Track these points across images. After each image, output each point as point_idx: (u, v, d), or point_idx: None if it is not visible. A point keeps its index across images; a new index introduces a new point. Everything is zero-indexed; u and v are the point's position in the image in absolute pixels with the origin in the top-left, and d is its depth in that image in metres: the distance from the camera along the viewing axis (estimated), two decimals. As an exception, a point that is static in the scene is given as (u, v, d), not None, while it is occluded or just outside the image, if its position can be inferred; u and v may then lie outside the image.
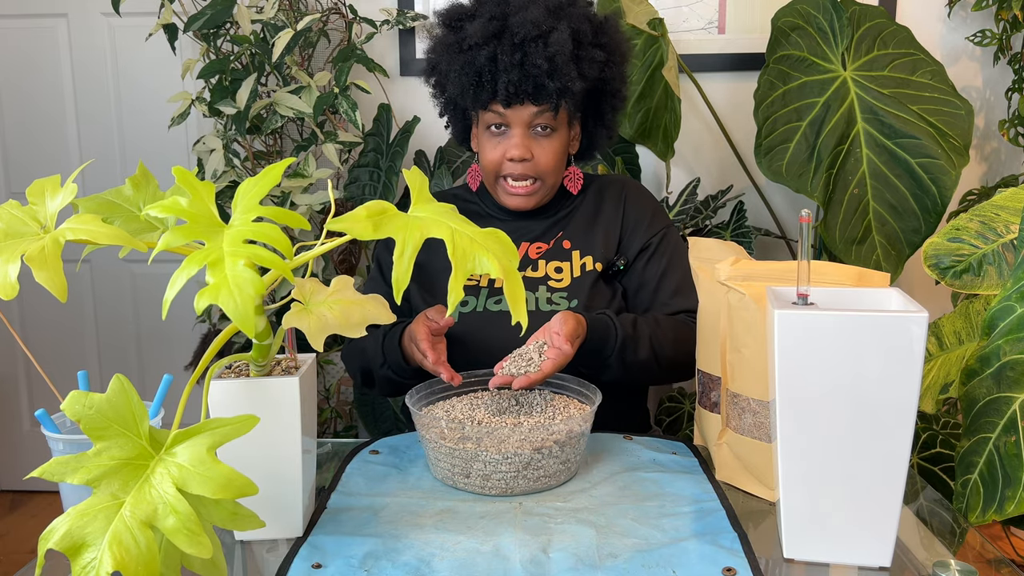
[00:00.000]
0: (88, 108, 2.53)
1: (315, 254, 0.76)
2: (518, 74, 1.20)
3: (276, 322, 0.87)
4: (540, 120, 1.24)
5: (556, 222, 1.35)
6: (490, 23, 1.22)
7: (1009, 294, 1.02)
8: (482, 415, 1.06)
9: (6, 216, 0.74)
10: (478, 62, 1.22)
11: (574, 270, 1.28)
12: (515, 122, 1.25)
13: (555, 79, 1.20)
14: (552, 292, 1.26)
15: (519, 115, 1.24)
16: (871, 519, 0.81)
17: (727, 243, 1.11)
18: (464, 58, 1.24)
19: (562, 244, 1.31)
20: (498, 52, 1.21)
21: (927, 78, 1.92)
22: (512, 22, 1.21)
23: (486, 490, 0.99)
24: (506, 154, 1.26)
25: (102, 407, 0.65)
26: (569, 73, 1.20)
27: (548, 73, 1.20)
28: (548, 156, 1.26)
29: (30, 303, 2.64)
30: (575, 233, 1.33)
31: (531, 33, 1.20)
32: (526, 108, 1.23)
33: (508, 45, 1.21)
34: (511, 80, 1.20)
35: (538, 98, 1.22)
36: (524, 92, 1.21)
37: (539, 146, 1.26)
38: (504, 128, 1.26)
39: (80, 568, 0.61)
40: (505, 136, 1.26)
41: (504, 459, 0.97)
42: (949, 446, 1.70)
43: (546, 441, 0.98)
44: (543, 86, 1.20)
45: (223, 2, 1.93)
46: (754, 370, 0.95)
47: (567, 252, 1.30)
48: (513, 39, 1.20)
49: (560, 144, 1.28)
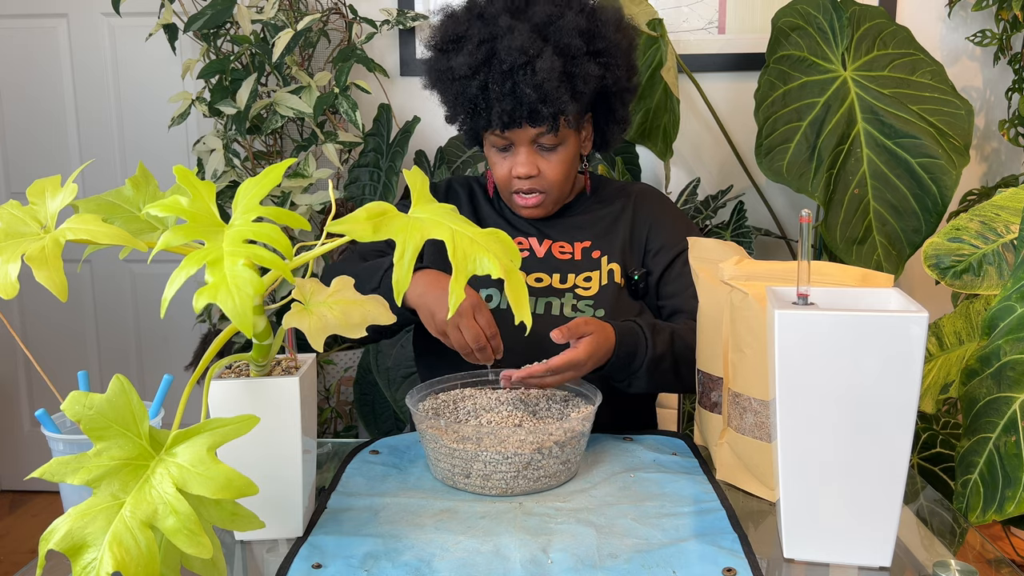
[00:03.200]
0: (88, 108, 2.53)
1: (315, 254, 0.76)
2: (510, 102, 1.18)
3: (276, 322, 0.87)
4: (543, 139, 1.23)
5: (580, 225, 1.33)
6: (478, 50, 1.20)
7: (1009, 294, 1.02)
8: (483, 414, 1.06)
9: (6, 216, 0.74)
10: (469, 92, 1.21)
11: (602, 278, 1.27)
12: (519, 141, 1.24)
13: (547, 105, 1.18)
14: (578, 300, 1.25)
15: (521, 135, 1.23)
16: (871, 519, 0.81)
17: (727, 243, 1.11)
18: (455, 88, 1.23)
19: (591, 254, 1.30)
20: (488, 81, 1.19)
21: (927, 78, 1.92)
22: (499, 48, 1.18)
23: (486, 490, 0.99)
24: (512, 171, 1.25)
25: (102, 407, 0.65)
26: (561, 97, 1.18)
27: (540, 100, 1.18)
28: (555, 170, 1.26)
29: (30, 303, 2.64)
30: (601, 239, 1.31)
31: (518, 61, 1.17)
32: (525, 130, 1.22)
33: (497, 73, 1.19)
34: (504, 109, 1.19)
35: (535, 121, 1.20)
36: (519, 118, 1.20)
37: (545, 161, 1.25)
38: (509, 146, 1.25)
39: (80, 568, 0.61)
40: (511, 153, 1.26)
41: (504, 459, 0.97)
42: (949, 446, 1.70)
43: (546, 441, 0.98)
44: (537, 111, 1.19)
45: (223, 2, 1.93)
46: (756, 370, 0.95)
47: (596, 261, 1.29)
48: (501, 67, 1.18)
49: (568, 155, 1.26)
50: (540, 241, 1.31)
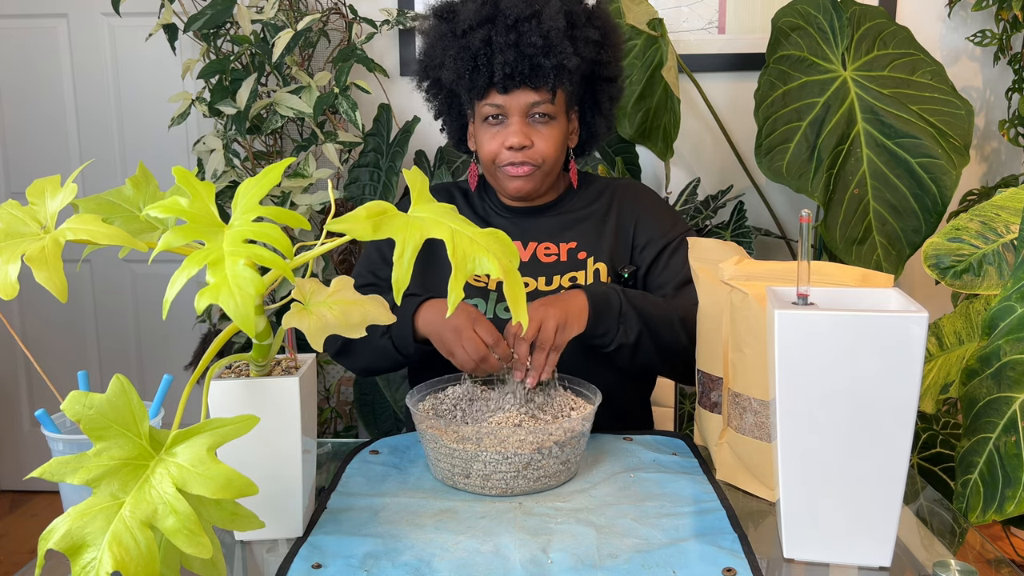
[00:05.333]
0: (88, 108, 2.53)
1: (315, 254, 0.76)
2: (514, 54, 1.20)
3: (276, 322, 0.87)
4: (538, 108, 1.23)
5: (565, 225, 1.32)
6: (483, 7, 1.22)
7: (1009, 294, 1.02)
8: (483, 414, 1.06)
9: (6, 216, 0.74)
10: (473, 46, 1.22)
11: (588, 278, 1.27)
12: (513, 110, 1.24)
13: (551, 56, 1.20)
14: None
15: (517, 102, 1.23)
16: (871, 519, 0.81)
17: (727, 243, 1.11)
18: (459, 44, 1.24)
19: (576, 255, 1.29)
20: (492, 34, 1.21)
21: (927, 78, 1.92)
22: (504, 4, 1.21)
23: (486, 490, 0.99)
24: (504, 143, 1.24)
25: (102, 407, 0.65)
26: (565, 50, 1.20)
27: (543, 51, 1.19)
28: (547, 143, 1.25)
29: (30, 303, 2.64)
30: (587, 238, 1.31)
31: (524, 12, 1.20)
32: (524, 95, 1.22)
33: (502, 27, 1.20)
34: (507, 61, 1.20)
35: (535, 80, 1.21)
36: (521, 74, 1.21)
37: (538, 134, 1.25)
38: (502, 118, 1.25)
39: (80, 568, 0.61)
40: (503, 125, 1.25)
41: (504, 459, 0.97)
42: (949, 446, 1.70)
43: (546, 441, 0.98)
44: (539, 66, 1.20)
45: (223, 2, 1.93)
46: (756, 370, 0.95)
47: (582, 262, 1.29)
48: (506, 20, 1.20)
49: (559, 132, 1.27)
50: (524, 245, 1.31)
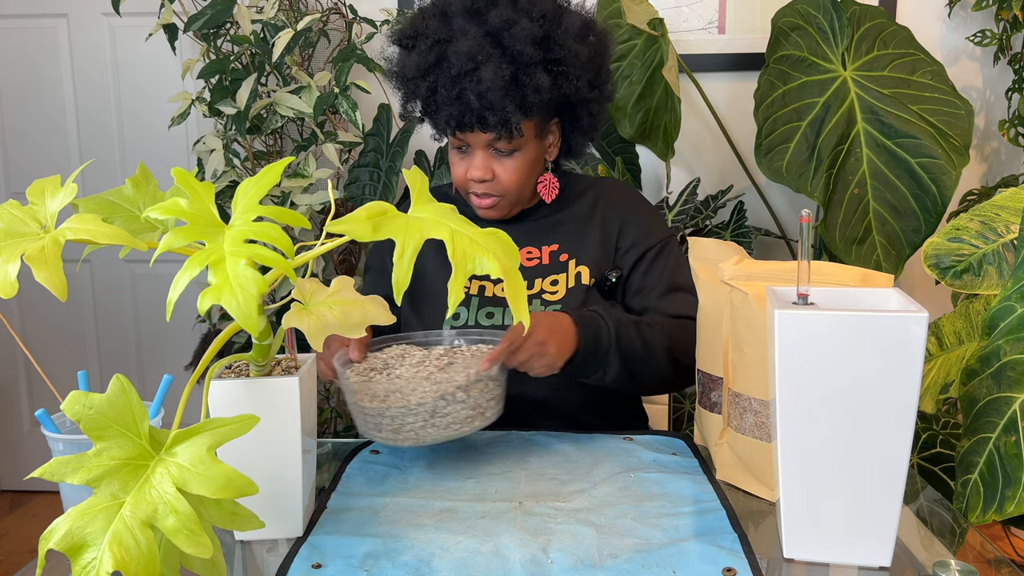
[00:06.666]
0: (88, 108, 2.53)
1: (315, 254, 0.76)
2: (458, 108, 1.17)
3: (276, 322, 0.87)
4: (498, 143, 1.21)
5: (547, 228, 1.31)
6: (430, 51, 1.18)
7: (1009, 294, 1.02)
8: (399, 369, 1.07)
9: (6, 216, 0.74)
10: (420, 93, 1.20)
11: (569, 281, 1.25)
12: (474, 144, 1.22)
13: (493, 113, 1.16)
14: (546, 305, 1.23)
15: (476, 138, 1.21)
16: (871, 519, 0.81)
17: (727, 243, 1.11)
18: (407, 88, 1.22)
19: (558, 258, 1.27)
20: (437, 84, 1.18)
21: (927, 78, 1.92)
22: (449, 51, 1.16)
23: (398, 442, 1.01)
24: (467, 174, 1.23)
25: (102, 407, 0.65)
26: (506, 107, 1.15)
27: (485, 108, 1.15)
28: (510, 175, 1.23)
29: (30, 303, 2.64)
30: (570, 241, 1.29)
31: (466, 67, 1.15)
32: (479, 134, 1.20)
33: (445, 78, 1.17)
34: (452, 114, 1.17)
35: (485, 127, 1.18)
36: (469, 122, 1.18)
37: (501, 165, 1.22)
38: (467, 147, 1.23)
39: (80, 568, 0.61)
40: (468, 155, 1.23)
41: (409, 411, 0.99)
42: (949, 446, 1.70)
43: (448, 387, 0.99)
44: (485, 118, 1.17)
45: (223, 2, 1.93)
46: (756, 369, 0.95)
47: (563, 264, 1.27)
48: (449, 71, 1.16)
49: (525, 161, 1.23)
50: None
